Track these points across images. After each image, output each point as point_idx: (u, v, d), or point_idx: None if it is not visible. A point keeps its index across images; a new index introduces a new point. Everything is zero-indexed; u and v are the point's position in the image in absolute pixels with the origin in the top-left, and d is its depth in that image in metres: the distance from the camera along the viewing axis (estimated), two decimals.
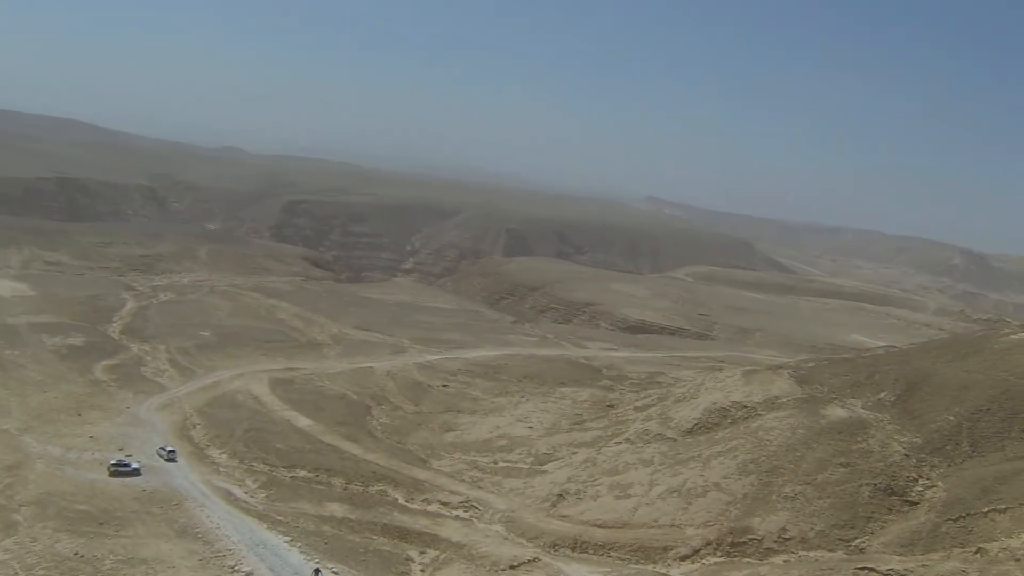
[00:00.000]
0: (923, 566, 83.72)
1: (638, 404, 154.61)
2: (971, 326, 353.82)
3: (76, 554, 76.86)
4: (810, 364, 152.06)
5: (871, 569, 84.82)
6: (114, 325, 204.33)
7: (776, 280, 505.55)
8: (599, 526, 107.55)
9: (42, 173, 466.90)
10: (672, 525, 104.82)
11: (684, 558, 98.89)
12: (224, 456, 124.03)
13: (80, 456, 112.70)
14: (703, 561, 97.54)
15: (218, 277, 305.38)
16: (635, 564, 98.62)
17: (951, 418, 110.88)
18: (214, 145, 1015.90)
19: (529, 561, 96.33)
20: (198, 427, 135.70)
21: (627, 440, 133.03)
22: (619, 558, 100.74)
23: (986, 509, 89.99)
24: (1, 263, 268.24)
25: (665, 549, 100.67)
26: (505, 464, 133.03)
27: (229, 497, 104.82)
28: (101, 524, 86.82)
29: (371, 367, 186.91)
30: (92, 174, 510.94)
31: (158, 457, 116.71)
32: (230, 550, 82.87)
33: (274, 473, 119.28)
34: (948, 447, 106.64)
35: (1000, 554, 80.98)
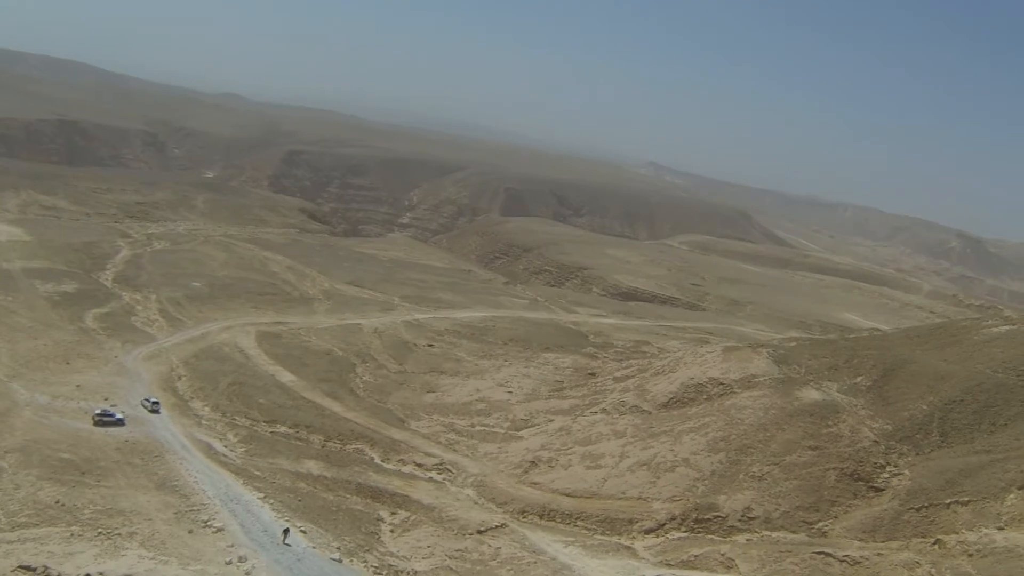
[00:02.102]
0: (878, 554, 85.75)
1: (618, 375, 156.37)
2: (963, 311, 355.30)
3: (57, 502, 77.90)
4: (791, 344, 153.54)
5: (828, 554, 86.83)
6: (107, 273, 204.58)
7: (772, 253, 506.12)
8: (568, 495, 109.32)
9: (42, 115, 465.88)
10: (639, 498, 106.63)
11: (649, 531, 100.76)
12: (207, 409, 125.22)
13: (66, 404, 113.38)
14: (667, 536, 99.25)
15: (213, 227, 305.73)
16: (600, 535, 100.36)
17: (924, 407, 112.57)
18: (214, 91, 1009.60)
19: (496, 527, 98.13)
20: (183, 379, 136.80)
21: (603, 410, 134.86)
22: (585, 528, 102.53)
23: (949, 501, 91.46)
24: None
25: (631, 521, 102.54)
26: (482, 428, 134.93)
27: (209, 451, 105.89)
28: (83, 473, 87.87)
29: (359, 324, 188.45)
30: (92, 117, 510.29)
31: (142, 408, 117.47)
32: (205, 505, 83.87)
33: (255, 428, 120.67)
34: (918, 436, 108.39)
35: (956, 547, 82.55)
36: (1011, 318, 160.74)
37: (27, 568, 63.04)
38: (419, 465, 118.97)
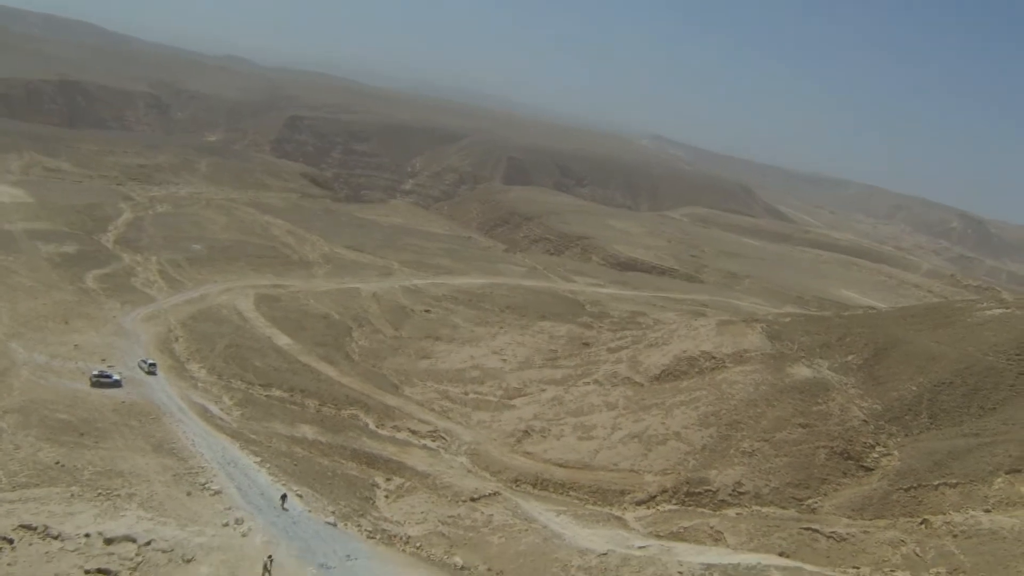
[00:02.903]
0: (865, 532, 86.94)
1: (612, 345, 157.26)
2: (961, 291, 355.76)
3: (57, 463, 78.20)
4: (786, 319, 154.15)
5: (815, 530, 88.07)
6: (109, 235, 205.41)
7: (772, 228, 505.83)
8: (560, 465, 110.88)
9: (44, 75, 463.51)
10: (631, 470, 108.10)
11: (640, 503, 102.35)
12: (203, 371, 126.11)
13: (64, 365, 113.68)
14: (658, 507, 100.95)
15: (215, 190, 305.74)
16: (592, 505, 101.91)
17: (914, 388, 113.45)
18: (218, 54, 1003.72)
19: (489, 495, 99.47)
20: (180, 340, 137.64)
21: (596, 381, 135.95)
22: (577, 498, 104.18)
23: (937, 482, 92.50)
24: (1, 168, 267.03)
25: (622, 493, 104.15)
26: (475, 396, 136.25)
27: (205, 414, 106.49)
28: (81, 435, 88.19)
29: (357, 288, 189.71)
30: (95, 78, 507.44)
31: (139, 369, 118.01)
32: (202, 467, 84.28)
33: (250, 391, 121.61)
34: (907, 417, 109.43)
35: (942, 527, 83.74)
36: (1005, 301, 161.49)
37: (28, 527, 63.83)
38: (413, 432, 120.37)
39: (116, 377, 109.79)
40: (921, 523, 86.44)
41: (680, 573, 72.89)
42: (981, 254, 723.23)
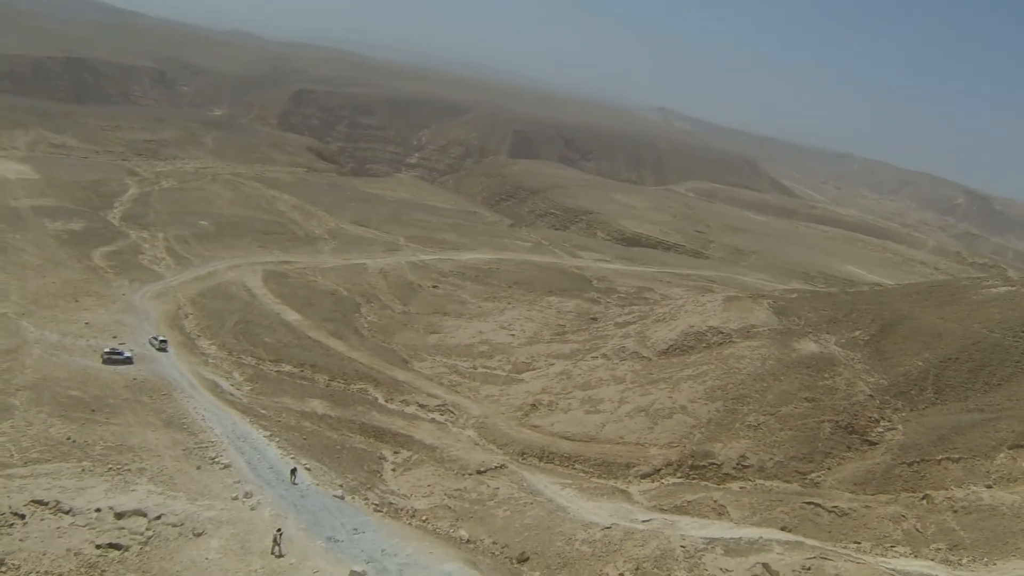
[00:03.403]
0: (867, 507, 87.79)
1: (619, 320, 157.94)
2: (966, 268, 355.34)
3: (68, 439, 79.04)
4: (792, 295, 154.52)
5: (817, 505, 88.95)
6: (115, 211, 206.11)
7: (778, 203, 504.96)
8: (567, 438, 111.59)
9: (49, 52, 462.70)
10: (637, 443, 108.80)
11: (645, 476, 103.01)
12: (213, 347, 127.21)
13: (75, 342, 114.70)
14: (663, 481, 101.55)
15: (221, 165, 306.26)
16: (598, 478, 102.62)
17: (920, 364, 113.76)
18: (223, 28, 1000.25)
19: (496, 468, 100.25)
20: (190, 317, 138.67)
21: (603, 355, 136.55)
22: (583, 471, 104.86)
23: (940, 457, 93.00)
24: (7, 144, 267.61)
25: (628, 466, 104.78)
26: (484, 370, 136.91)
27: (216, 389, 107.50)
28: (93, 411, 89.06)
29: (364, 264, 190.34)
30: (100, 54, 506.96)
31: (150, 346, 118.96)
32: (212, 442, 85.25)
33: (260, 367, 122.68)
34: (913, 392, 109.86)
35: (943, 503, 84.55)
36: (1011, 279, 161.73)
37: (40, 502, 64.57)
38: (422, 406, 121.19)
39: (127, 354, 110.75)
40: (923, 498, 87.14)
41: (683, 547, 73.69)
42: (986, 231, 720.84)
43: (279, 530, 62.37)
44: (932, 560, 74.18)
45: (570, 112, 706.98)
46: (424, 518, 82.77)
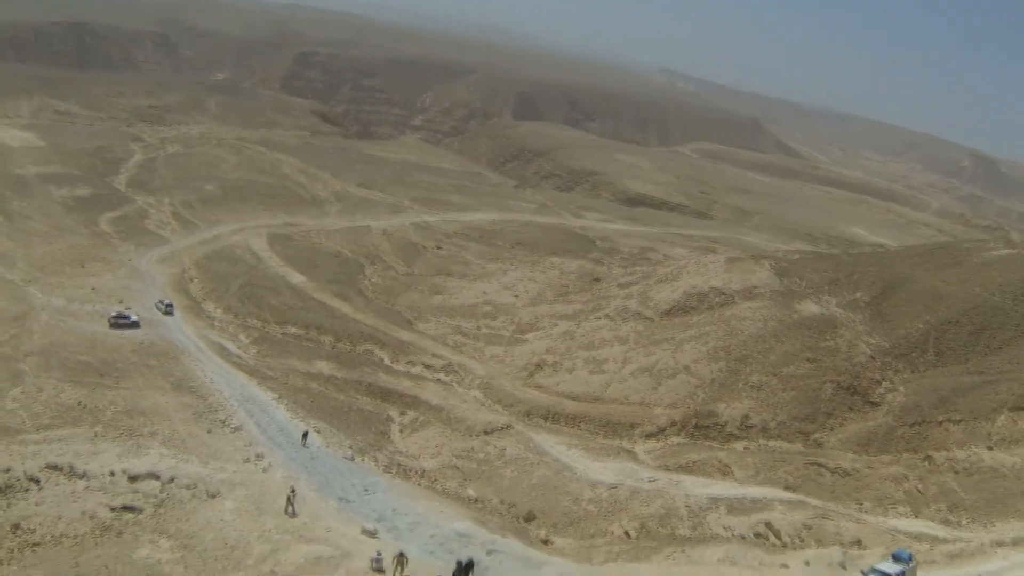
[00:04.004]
0: (869, 467, 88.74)
1: (622, 281, 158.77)
2: (970, 231, 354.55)
3: (79, 404, 79.75)
4: (794, 256, 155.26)
5: (820, 464, 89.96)
6: (121, 177, 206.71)
7: (782, 164, 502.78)
8: (572, 398, 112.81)
9: (53, 17, 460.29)
10: (641, 403, 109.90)
11: (649, 436, 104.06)
12: (219, 311, 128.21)
13: (82, 308, 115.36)
14: (667, 440, 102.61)
15: (226, 129, 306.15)
16: (603, 438, 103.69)
17: (920, 326, 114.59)
18: None
19: (502, 428, 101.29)
20: (196, 281, 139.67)
21: (606, 316, 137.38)
22: (588, 431, 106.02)
23: (941, 419, 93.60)
24: (11, 112, 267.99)
25: (632, 426, 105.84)
26: (488, 331, 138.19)
27: (223, 352, 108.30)
28: (102, 376, 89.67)
29: (368, 226, 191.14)
30: (102, 19, 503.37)
31: (156, 310, 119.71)
32: (222, 405, 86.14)
33: (266, 329, 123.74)
34: (914, 354, 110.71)
35: (944, 464, 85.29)
36: (1013, 242, 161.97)
37: (54, 467, 65.35)
38: (427, 366, 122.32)
39: (134, 318, 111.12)
40: (924, 459, 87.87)
41: (687, 506, 74.77)
42: (992, 194, 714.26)
43: (292, 490, 63.36)
44: (932, 520, 74.88)
45: (574, 73, 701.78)
46: (433, 478, 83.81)
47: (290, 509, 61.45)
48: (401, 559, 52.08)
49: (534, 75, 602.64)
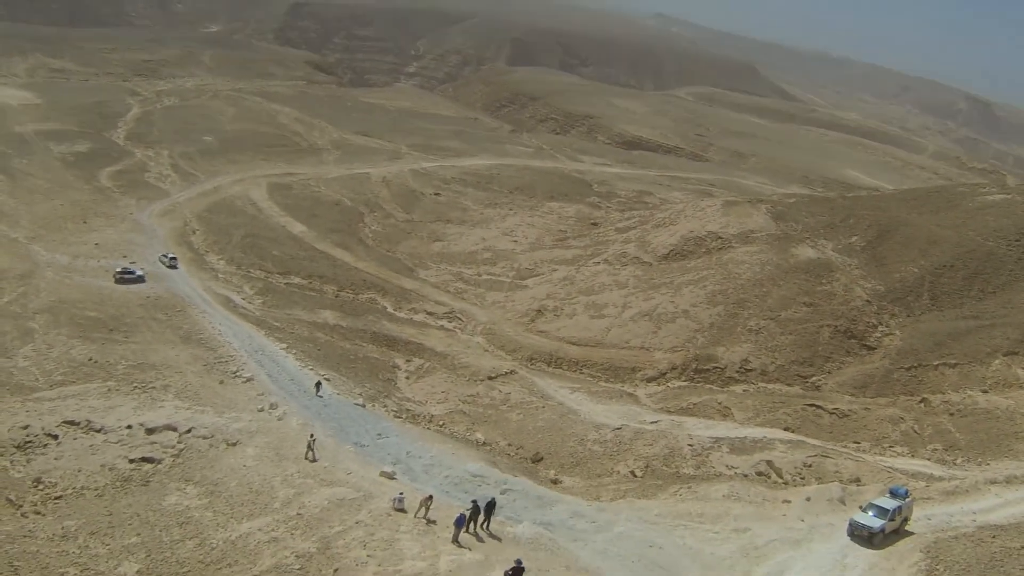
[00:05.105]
0: (866, 409, 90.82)
1: (620, 226, 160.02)
2: (966, 174, 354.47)
3: (90, 359, 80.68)
4: (790, 200, 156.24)
5: (818, 407, 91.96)
6: (119, 131, 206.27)
7: (777, 107, 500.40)
8: (574, 343, 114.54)
9: None
10: (642, 347, 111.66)
11: (650, 380, 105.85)
12: (222, 262, 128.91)
13: (87, 264, 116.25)
14: (668, 384, 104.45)
15: (221, 82, 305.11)
16: (605, 382, 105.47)
17: (915, 270, 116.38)
18: None
19: (506, 373, 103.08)
20: (197, 233, 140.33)
21: (605, 261, 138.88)
22: (590, 375, 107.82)
23: (937, 362, 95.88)
24: (7, 71, 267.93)
25: (633, 370, 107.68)
26: (488, 277, 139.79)
27: (228, 303, 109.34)
28: (111, 330, 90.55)
29: (367, 173, 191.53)
30: None
31: (160, 264, 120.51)
32: (232, 356, 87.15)
33: (270, 280, 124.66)
34: (909, 298, 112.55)
35: (940, 406, 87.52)
36: (1008, 187, 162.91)
37: (71, 422, 66.37)
38: (430, 314, 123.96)
39: (139, 272, 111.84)
40: (920, 401, 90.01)
41: (690, 446, 76.62)
42: (988, 137, 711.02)
43: (312, 436, 64.80)
44: (928, 460, 76.64)
45: (567, 19, 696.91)
46: (441, 423, 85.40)
47: (310, 454, 62.99)
48: (428, 502, 53.86)
49: (527, 21, 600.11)
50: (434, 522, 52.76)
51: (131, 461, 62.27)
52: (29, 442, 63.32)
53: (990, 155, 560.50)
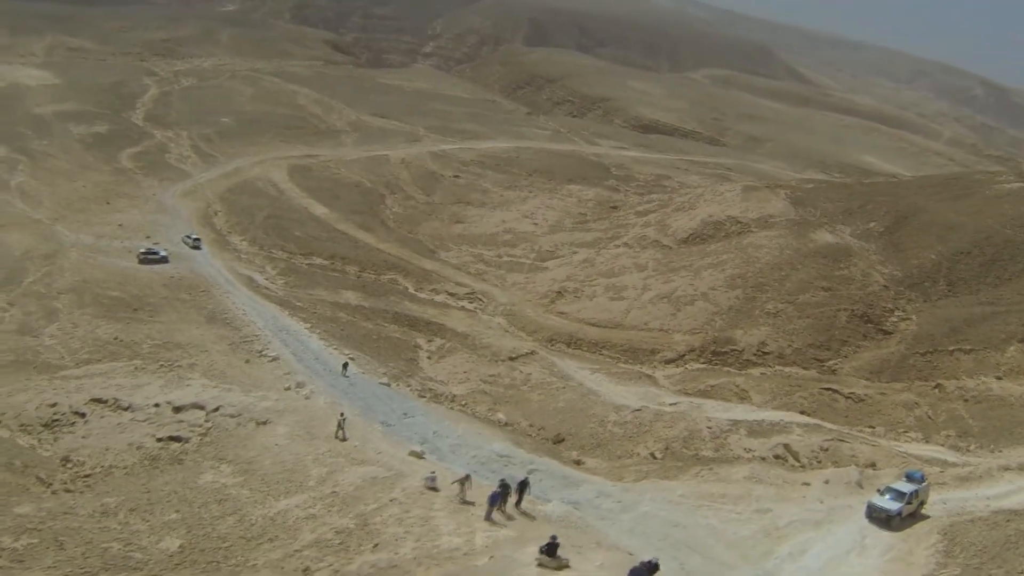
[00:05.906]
0: (881, 393, 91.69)
1: (639, 209, 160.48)
2: (981, 160, 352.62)
3: (116, 339, 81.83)
4: (809, 186, 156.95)
5: (834, 390, 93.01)
6: (137, 112, 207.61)
7: (794, 90, 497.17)
8: (593, 325, 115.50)
9: None
10: (661, 330, 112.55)
11: (669, 362, 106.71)
12: (245, 243, 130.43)
13: (110, 244, 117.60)
14: (686, 366, 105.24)
15: (239, 61, 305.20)
16: (624, 364, 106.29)
17: (933, 256, 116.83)
18: None
19: (527, 354, 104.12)
20: (220, 214, 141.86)
21: (625, 244, 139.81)
22: (610, 357, 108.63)
23: (952, 348, 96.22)
24: (25, 51, 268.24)
25: (652, 352, 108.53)
26: (509, 258, 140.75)
27: (251, 284, 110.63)
28: (135, 310, 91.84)
29: (386, 155, 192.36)
30: None
31: (183, 244, 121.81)
32: (256, 335, 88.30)
33: (292, 260, 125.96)
34: (926, 284, 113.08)
35: (954, 392, 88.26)
36: None
37: (99, 400, 67.52)
38: (451, 294, 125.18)
39: (163, 253, 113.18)
40: (935, 387, 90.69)
41: (709, 428, 77.70)
42: (1003, 123, 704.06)
43: (342, 415, 65.70)
44: (942, 445, 77.63)
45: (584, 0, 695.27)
46: (464, 403, 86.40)
47: (340, 433, 63.92)
48: (465, 481, 54.92)
49: (544, 1, 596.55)
50: (471, 503, 53.57)
51: (159, 440, 63.42)
52: (56, 420, 64.68)
53: (1006, 142, 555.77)
